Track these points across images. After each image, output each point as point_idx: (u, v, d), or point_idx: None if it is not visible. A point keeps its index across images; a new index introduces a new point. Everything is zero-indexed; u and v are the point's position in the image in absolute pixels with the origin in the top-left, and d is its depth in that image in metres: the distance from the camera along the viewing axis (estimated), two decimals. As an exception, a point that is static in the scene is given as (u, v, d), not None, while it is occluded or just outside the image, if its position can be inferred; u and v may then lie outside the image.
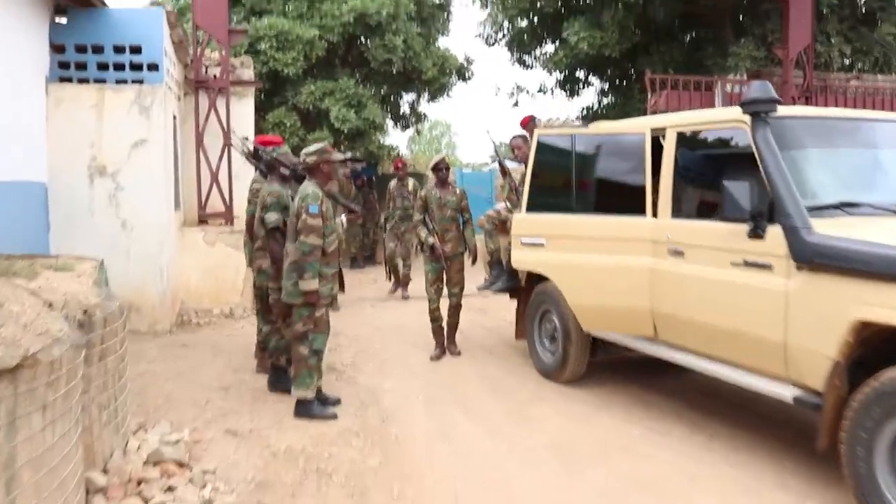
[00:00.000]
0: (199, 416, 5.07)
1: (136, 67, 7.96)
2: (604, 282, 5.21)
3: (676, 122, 4.97)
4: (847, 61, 12.75)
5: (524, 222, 5.85)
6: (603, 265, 5.19)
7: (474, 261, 7.33)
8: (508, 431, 5.01)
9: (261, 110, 13.86)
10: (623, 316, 5.20)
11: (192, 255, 8.76)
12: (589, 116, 15.90)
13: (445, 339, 7.21)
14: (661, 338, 5.01)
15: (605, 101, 16.01)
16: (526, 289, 6.49)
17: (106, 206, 7.59)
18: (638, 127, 5.23)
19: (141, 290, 7.67)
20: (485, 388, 6.00)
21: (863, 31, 12.39)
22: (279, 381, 5.62)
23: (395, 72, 14.53)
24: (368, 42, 13.97)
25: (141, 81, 7.86)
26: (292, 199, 5.17)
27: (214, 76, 9.41)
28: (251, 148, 6.14)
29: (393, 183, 10.80)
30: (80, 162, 7.51)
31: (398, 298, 10.35)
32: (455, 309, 7.21)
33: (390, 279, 10.73)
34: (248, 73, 10.04)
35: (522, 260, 5.94)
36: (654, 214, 5.00)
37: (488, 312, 9.15)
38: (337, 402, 5.33)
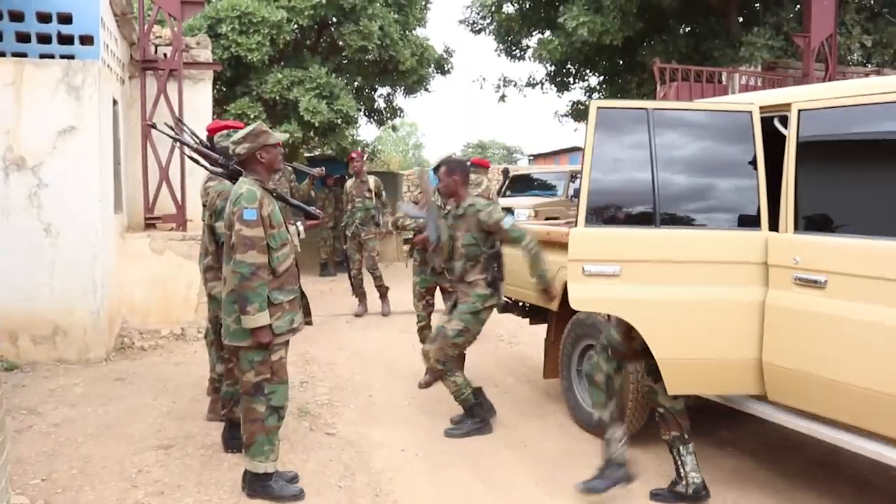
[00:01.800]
0: (126, 498, 3.71)
1: (66, 40, 6.58)
2: (693, 325, 3.72)
3: (806, 95, 3.64)
4: (861, 55, 11.74)
5: (586, 240, 3.72)
6: (692, 301, 3.70)
7: None
8: (545, 511, 3.77)
9: (222, 102, 12.48)
10: (717, 371, 3.81)
11: (136, 265, 7.36)
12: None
13: None
14: (773, 398, 3.71)
15: (596, 96, 14.84)
16: (558, 316, 5.22)
17: (25, 206, 6.17)
18: (741, 103, 3.84)
19: (69, 310, 6.27)
20: (502, 441, 4.73)
21: (882, 22, 11.38)
22: (235, 436, 4.26)
23: (369, 61, 13.23)
24: (342, 27, 12.64)
25: (72, 57, 6.47)
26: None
27: (164, 55, 8.03)
28: (192, 136, 4.50)
29: (350, 182, 9.24)
30: (-9, 152, 6.10)
31: (377, 314, 9.02)
32: None
33: (355, 295, 9.19)
34: (206, 55, 8.67)
35: (588, 298, 3.75)
36: (774, 227, 3.66)
37: (505, 339, 7.88)
38: (294, 478, 3.94)
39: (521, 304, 6.09)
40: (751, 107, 3.71)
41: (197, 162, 4.22)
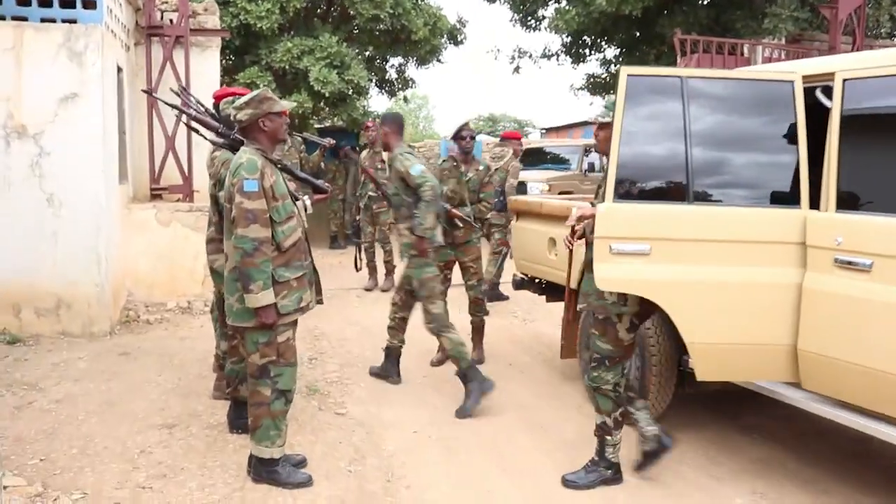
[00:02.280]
0: (126, 481, 3.56)
1: (68, 4, 6.37)
2: (725, 308, 3.51)
3: (853, 64, 3.38)
4: (891, 27, 11.36)
5: (614, 217, 3.47)
6: (725, 283, 3.48)
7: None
8: (566, 498, 3.60)
9: (231, 71, 12.23)
10: (750, 357, 3.60)
11: (142, 237, 7.18)
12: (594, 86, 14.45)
13: (471, 341, 5.90)
14: (808, 386, 3.50)
15: (612, 69, 14.49)
16: (577, 294, 4.99)
17: (26, 176, 5.99)
18: (782, 72, 3.59)
19: (72, 283, 6.12)
20: (520, 424, 4.55)
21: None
22: (241, 416, 4.09)
23: (381, 31, 12.93)
24: (353, -5, 12.32)
25: (73, 21, 6.25)
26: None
27: (171, 21, 7.78)
28: (196, 105, 4.22)
29: (364, 153, 8.95)
30: (-9, 120, 5.91)
31: (386, 289, 8.82)
32: (476, 304, 5.91)
33: (359, 270, 8.74)
34: (213, 21, 8.41)
35: (615, 279, 3.50)
36: (815, 205, 3.43)
37: (518, 315, 7.70)
38: (301, 462, 3.78)
39: (537, 280, 5.90)
40: (793, 76, 3.46)
41: (197, 132, 4.01)
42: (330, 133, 14.79)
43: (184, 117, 3.71)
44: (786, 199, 3.49)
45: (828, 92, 3.49)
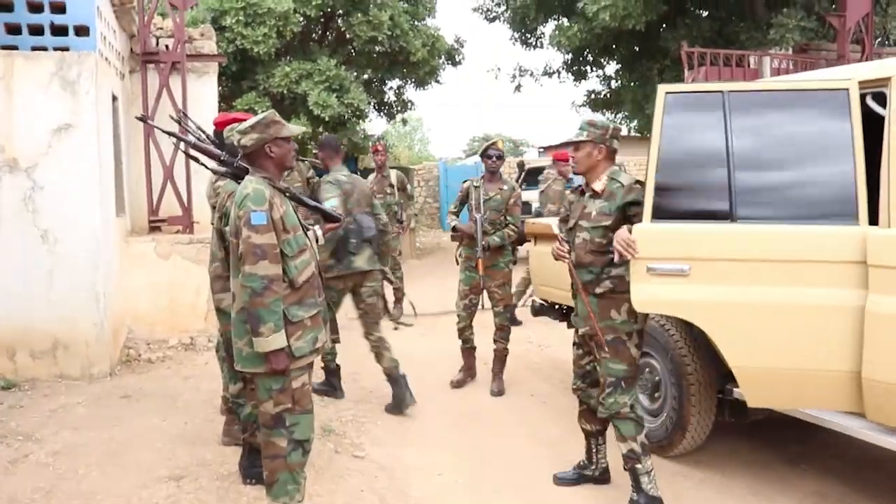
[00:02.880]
0: (132, 544, 3.26)
1: (60, 31, 6.11)
2: (775, 330, 3.28)
3: None
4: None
5: (653, 237, 3.37)
6: (774, 304, 3.25)
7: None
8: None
9: (229, 98, 12.03)
10: (804, 383, 3.34)
11: (141, 271, 6.89)
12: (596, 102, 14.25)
13: (491, 371, 5.82)
14: (874, 417, 3.21)
15: (614, 84, 14.30)
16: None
17: (19, 211, 5.70)
18: (835, 79, 3.31)
19: (70, 323, 5.81)
20: (551, 463, 4.24)
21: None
22: (255, 464, 3.77)
23: (379, 53, 12.76)
24: (350, 18, 12.15)
25: (66, 49, 6.00)
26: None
27: (166, 47, 7.55)
28: (196, 131, 3.91)
29: (372, 176, 8.59)
30: (-19, 154, 5.64)
31: (396, 317, 8.51)
32: (501, 331, 5.78)
33: None
34: (210, 46, 8.18)
35: (652, 300, 3.43)
36: (873, 221, 3.17)
37: (534, 341, 7.41)
38: None
39: (556, 306, 5.61)
40: (848, 83, 3.19)
41: (197, 160, 3.72)
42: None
43: (182, 145, 3.41)
44: (840, 214, 3.22)
45: (880, 99, 3.24)
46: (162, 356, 6.57)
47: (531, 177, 15.31)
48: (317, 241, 3.70)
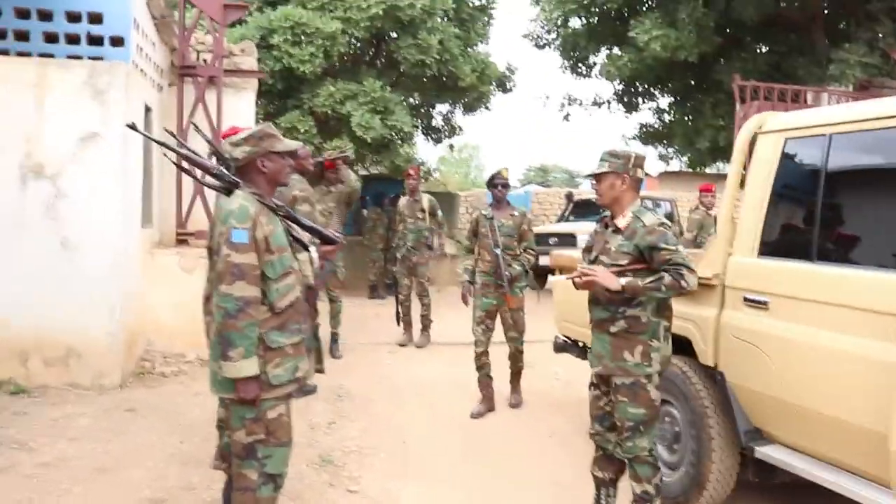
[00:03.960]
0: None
1: (96, 41, 6.16)
2: (818, 376, 3.12)
3: None
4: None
5: (753, 271, 3.56)
6: (823, 349, 3.09)
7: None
8: None
9: (274, 115, 12.07)
10: (831, 436, 3.09)
11: (164, 284, 6.83)
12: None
13: (510, 384, 5.96)
14: None
15: (666, 117, 13.95)
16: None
17: (41, 217, 5.70)
18: None
19: (83, 331, 5.76)
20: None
21: None
22: (239, 493, 3.59)
23: (428, 77, 12.67)
24: (399, 41, 12.12)
25: (100, 59, 6.02)
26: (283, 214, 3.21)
27: (205, 61, 7.57)
28: (210, 145, 3.80)
29: (403, 200, 8.44)
30: (8, 159, 5.64)
31: (421, 345, 8.29)
32: (514, 357, 5.90)
33: (399, 324, 8.40)
34: (250, 62, 8.18)
35: (742, 327, 3.57)
36: None
37: (535, 367, 7.12)
38: None
39: (580, 344, 5.33)
40: None
41: (189, 173, 3.59)
42: (375, 180, 14.55)
43: (173, 157, 3.29)
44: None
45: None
46: (177, 370, 6.48)
47: (579, 209, 15.03)
48: (312, 263, 3.53)
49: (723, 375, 3.70)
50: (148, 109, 6.81)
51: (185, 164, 3.26)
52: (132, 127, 3.14)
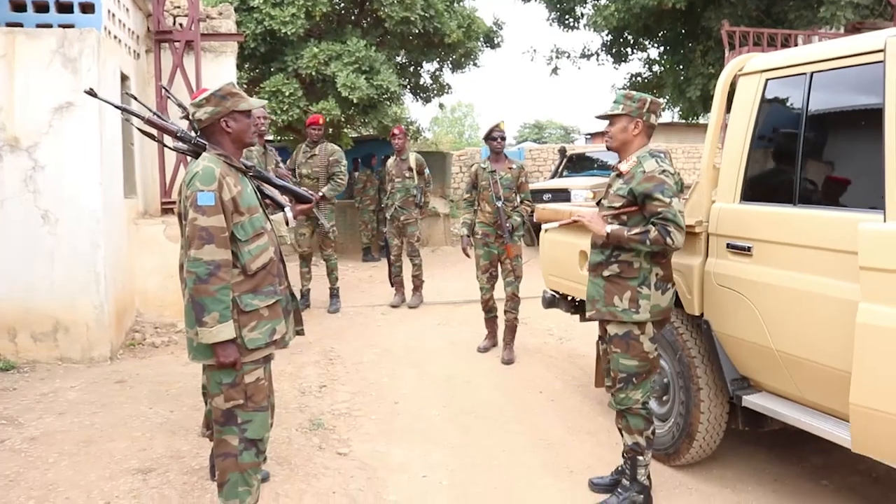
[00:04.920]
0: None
1: (66, 9, 6.01)
2: (802, 322, 3.08)
3: None
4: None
5: (735, 217, 3.49)
6: (806, 294, 3.05)
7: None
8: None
9: (257, 80, 11.88)
10: (816, 382, 3.07)
11: (151, 254, 6.79)
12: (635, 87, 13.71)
13: (503, 341, 6.17)
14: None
15: (656, 68, 13.74)
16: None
17: (20, 191, 5.61)
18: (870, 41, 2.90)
19: (70, 305, 5.72)
20: (546, 467, 3.96)
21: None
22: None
23: (413, 35, 12.43)
24: (382, -2, 11.85)
25: (71, 27, 5.88)
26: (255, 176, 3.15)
27: (180, 26, 7.40)
28: (181, 108, 3.71)
29: (391, 160, 8.36)
30: (-19, 132, 5.55)
31: (414, 305, 8.26)
32: (511, 301, 6.07)
33: (393, 285, 8.44)
34: (228, 25, 8.00)
35: (726, 274, 3.51)
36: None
37: (529, 323, 7.12)
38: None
39: (569, 298, 5.29)
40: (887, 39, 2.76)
41: (152, 137, 3.50)
42: (364, 142, 14.38)
43: (136, 121, 3.19)
44: (864, 202, 2.85)
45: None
46: (167, 340, 6.45)
47: (572, 164, 14.89)
48: (287, 223, 3.48)
49: (709, 324, 3.66)
50: (125, 77, 6.68)
51: (148, 129, 3.15)
52: (90, 93, 3.05)
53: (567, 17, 13.42)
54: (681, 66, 12.54)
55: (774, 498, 3.58)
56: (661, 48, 13.37)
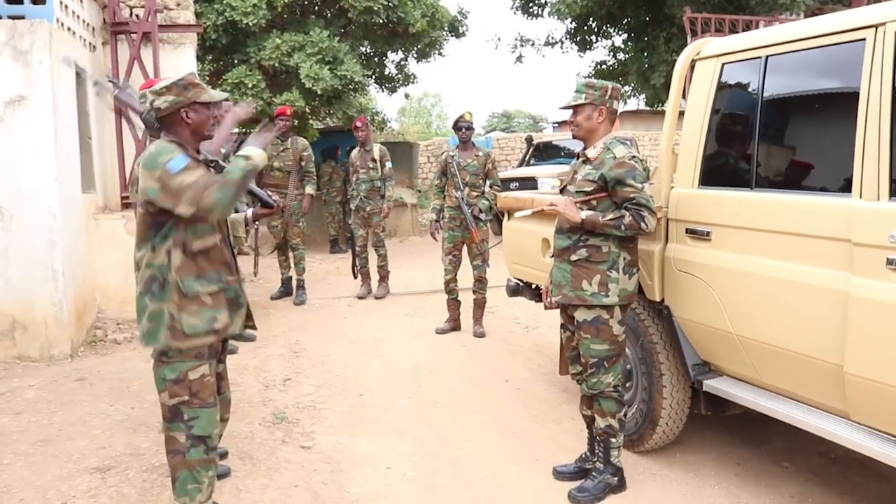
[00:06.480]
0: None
1: (16, 0, 5.84)
2: (761, 306, 3.09)
3: None
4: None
5: (693, 202, 3.48)
6: (764, 278, 3.06)
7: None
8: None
9: (220, 73, 11.73)
10: (776, 366, 3.09)
11: (111, 249, 6.66)
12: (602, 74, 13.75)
13: (472, 318, 6.54)
14: (857, 417, 2.84)
15: (620, 55, 13.79)
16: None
17: (-29, 188, 5.48)
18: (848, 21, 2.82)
19: (28, 303, 5.61)
20: (510, 456, 3.96)
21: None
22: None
23: (377, 24, 12.33)
24: (345, -12, 11.73)
25: (22, 18, 5.73)
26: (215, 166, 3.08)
27: (137, 17, 7.26)
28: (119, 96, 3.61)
29: (355, 151, 8.27)
30: (-71, 127, 5.40)
31: (380, 296, 8.22)
32: (479, 283, 6.47)
33: (356, 277, 8.41)
34: (187, 16, 7.86)
35: (686, 259, 3.51)
36: (874, 194, 2.66)
37: (496, 312, 7.14)
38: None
39: (533, 286, 5.29)
40: (864, 21, 2.74)
41: (129, 120, 3.43)
42: (329, 133, 14.26)
43: (112, 100, 3.12)
44: (837, 185, 2.85)
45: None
46: (130, 336, 6.35)
47: (539, 153, 14.93)
48: (246, 224, 3.46)
49: (669, 310, 3.68)
50: (79, 71, 6.53)
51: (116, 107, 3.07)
52: (95, 83, 2.95)
53: (531, 4, 13.41)
54: (645, 54, 12.60)
55: (737, 481, 3.61)
56: (625, 35, 13.42)
